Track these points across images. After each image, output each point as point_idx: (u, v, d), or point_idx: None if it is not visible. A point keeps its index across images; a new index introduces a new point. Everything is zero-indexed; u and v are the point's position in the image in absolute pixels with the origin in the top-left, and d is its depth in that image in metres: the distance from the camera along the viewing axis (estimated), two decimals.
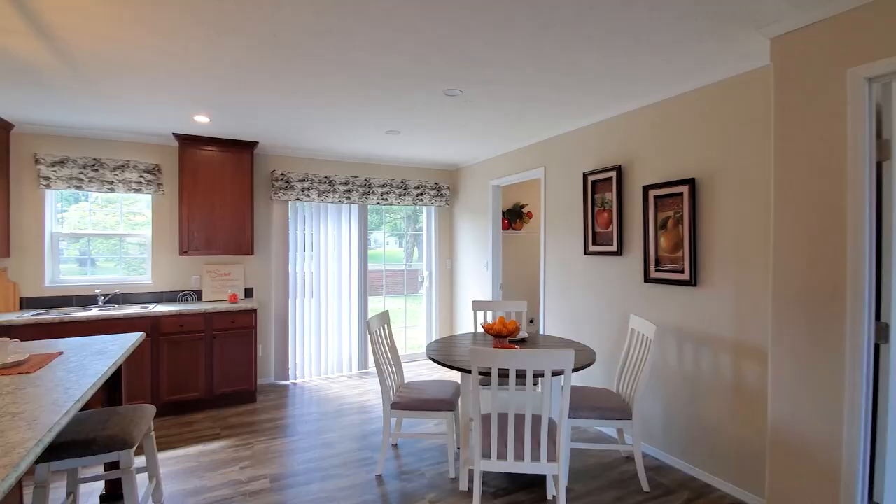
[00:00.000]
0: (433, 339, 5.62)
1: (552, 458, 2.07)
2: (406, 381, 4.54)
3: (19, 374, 1.80)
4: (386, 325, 3.06)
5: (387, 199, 5.15)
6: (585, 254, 3.56)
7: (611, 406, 2.59)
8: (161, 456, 3.02)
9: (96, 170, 3.95)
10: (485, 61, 2.41)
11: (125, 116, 3.49)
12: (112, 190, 4.02)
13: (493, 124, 3.66)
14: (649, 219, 3.01)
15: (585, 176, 3.54)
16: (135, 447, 1.94)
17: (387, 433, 2.73)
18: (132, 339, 2.48)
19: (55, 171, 3.83)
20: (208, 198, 4.14)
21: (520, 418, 2.38)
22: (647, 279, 3.02)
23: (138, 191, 4.11)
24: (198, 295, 4.37)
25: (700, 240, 2.72)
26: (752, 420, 2.46)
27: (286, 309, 4.72)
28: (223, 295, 4.39)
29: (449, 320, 5.74)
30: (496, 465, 2.06)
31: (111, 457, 1.88)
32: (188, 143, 4.05)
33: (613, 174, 3.27)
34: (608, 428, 3.10)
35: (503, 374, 2.28)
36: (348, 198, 4.93)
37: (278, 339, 4.70)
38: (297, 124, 3.67)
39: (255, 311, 4.04)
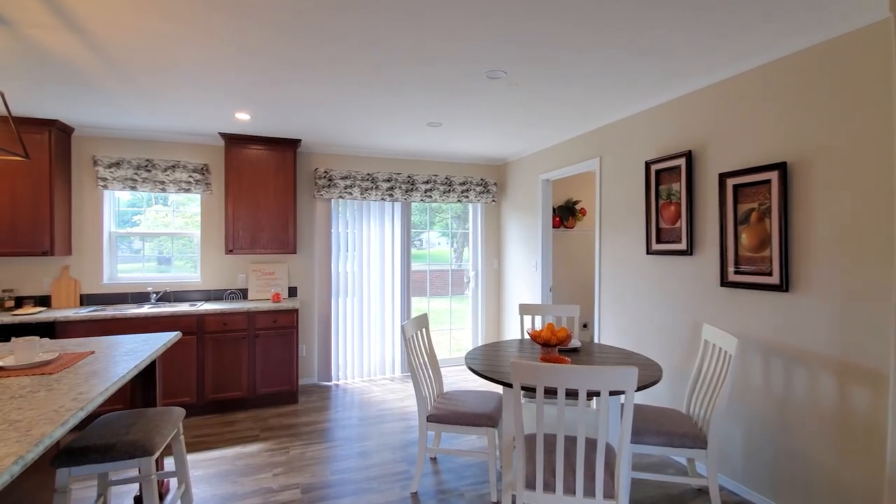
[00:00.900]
0: (479, 342, 5.37)
1: (609, 493, 1.76)
2: (446, 389, 4.34)
3: (42, 374, 1.75)
4: (423, 330, 2.84)
5: (431, 197, 4.95)
6: (648, 253, 3.16)
7: (681, 431, 2.21)
8: (199, 457, 2.98)
9: (149, 170, 4.05)
10: (531, 36, 2.12)
11: (171, 116, 3.52)
12: (163, 190, 4.11)
13: (540, 111, 3.34)
14: (727, 212, 2.58)
15: (648, 165, 3.14)
16: (156, 454, 1.85)
17: (423, 448, 2.51)
18: (165, 338, 2.43)
19: (111, 172, 3.97)
20: (253, 197, 4.13)
21: (571, 442, 2.07)
22: (725, 282, 2.59)
23: (188, 190, 4.18)
24: (243, 294, 4.39)
25: (793, 236, 2.27)
26: (862, 456, 2.00)
27: (329, 309, 4.65)
28: (267, 294, 4.38)
29: (496, 324, 5.45)
30: (543, 500, 1.77)
31: (131, 464, 1.79)
32: (233, 142, 4.06)
33: (682, 162, 2.86)
34: (677, 456, 2.70)
35: (551, 391, 1.99)
36: (391, 195, 4.78)
37: (321, 339, 4.64)
38: (333, 118, 3.54)
39: (296, 310, 3.98)
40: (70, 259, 3.95)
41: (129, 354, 2.11)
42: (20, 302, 3.79)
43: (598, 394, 1.87)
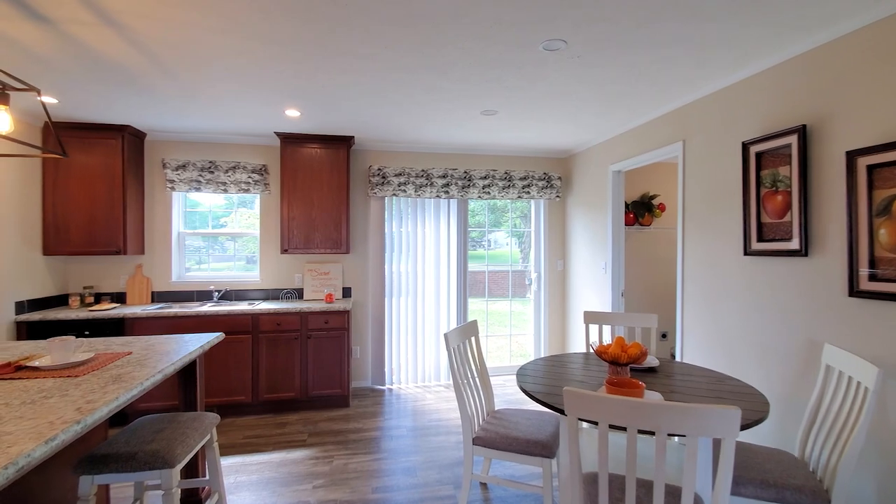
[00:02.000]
0: (542, 351, 4.96)
1: None
2: (503, 403, 3.98)
3: (68, 376, 1.70)
4: (472, 339, 2.55)
5: (489, 193, 4.64)
6: (746, 253, 2.61)
7: (794, 483, 1.72)
8: (248, 459, 2.93)
9: (212, 172, 4.15)
10: None
11: (224, 116, 3.54)
12: (225, 191, 4.20)
13: (609, 90, 2.91)
14: (858, 201, 2.01)
15: (745, 147, 2.59)
16: (178, 467, 1.74)
17: (468, 473, 2.22)
18: (204, 339, 2.36)
19: (178, 174, 4.11)
20: (307, 196, 4.09)
21: (644, 488, 1.67)
22: (855, 292, 2.02)
23: (247, 191, 4.24)
24: (299, 294, 4.37)
25: None
26: None
27: (382, 310, 4.51)
28: (321, 294, 4.33)
29: (560, 331, 5.01)
30: None
31: (151, 475, 1.69)
32: (288, 141, 4.04)
33: (793, 140, 2.30)
34: None
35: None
36: (447, 192, 4.54)
37: (375, 341, 4.51)
38: (381, 110, 3.36)
39: (347, 312, 3.87)
40: (143, 258, 4.15)
41: (166, 356, 2.04)
42: (99, 298, 4.04)
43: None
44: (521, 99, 3.07)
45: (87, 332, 3.48)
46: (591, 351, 2.89)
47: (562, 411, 1.74)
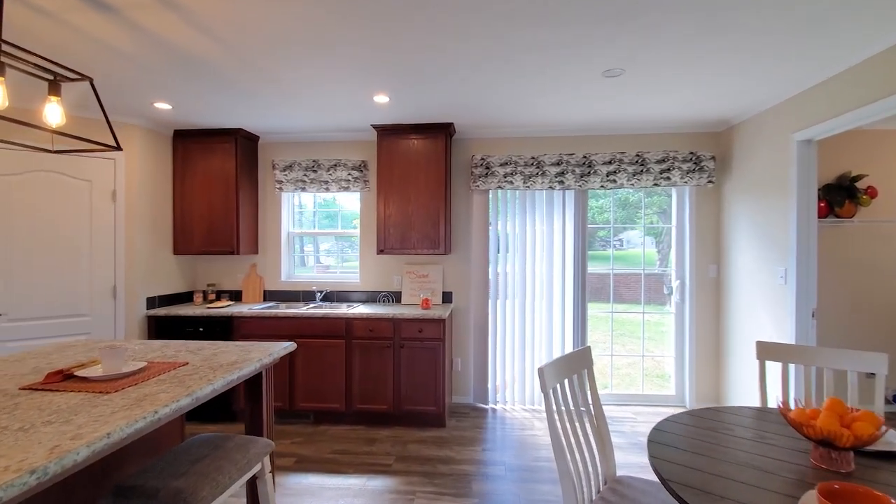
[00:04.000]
0: (687, 386, 3.93)
1: None
2: (622, 464, 2.94)
3: (99, 392, 1.52)
4: (585, 374, 1.88)
5: (615, 181, 3.80)
6: None
7: None
8: (327, 481, 2.67)
9: (315, 171, 4.09)
10: None
11: (312, 107, 3.36)
12: (327, 189, 4.11)
13: (805, 10, 1.96)
14: None
15: None
16: None
17: None
18: (272, 350, 2.11)
19: (286, 174, 4.14)
20: (403, 191, 3.76)
21: None
22: None
23: (346, 189, 4.09)
24: (396, 297, 4.09)
25: None
26: None
27: (486, 317, 3.99)
28: (418, 299, 3.98)
29: (713, 360, 3.90)
30: None
31: None
32: (385, 133, 3.77)
33: None
34: None
35: None
36: (561, 182, 3.83)
37: (477, 352, 4.01)
38: (479, 84, 2.83)
39: (442, 320, 3.43)
40: (257, 258, 4.27)
41: (222, 369, 1.81)
42: (219, 295, 4.26)
43: None
44: (658, 46, 2.27)
45: (201, 329, 3.63)
46: (776, 405, 1.98)
47: None
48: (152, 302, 3.75)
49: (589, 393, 1.87)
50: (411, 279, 4.03)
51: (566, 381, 1.72)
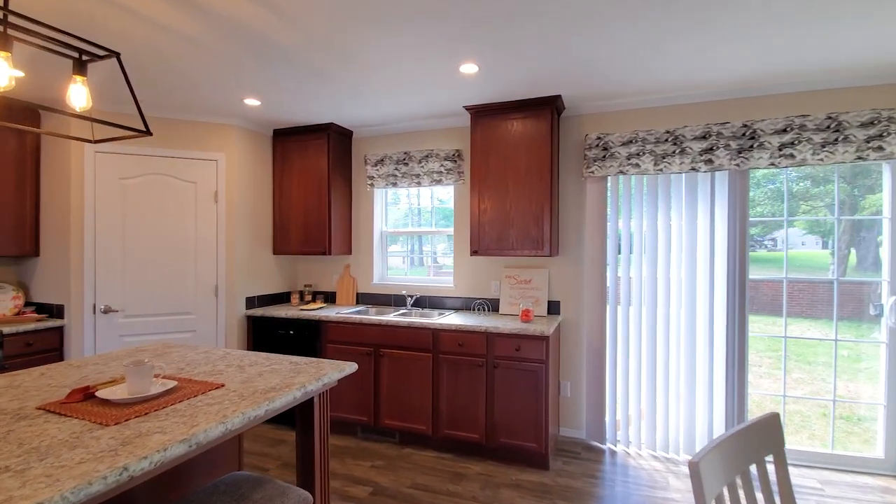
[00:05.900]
0: None
1: None
2: None
3: (96, 422, 1.25)
4: (772, 462, 1.12)
5: (792, 156, 2.75)
6: None
7: None
8: None
9: (406, 164, 3.76)
10: None
11: (395, 87, 2.98)
12: (419, 184, 3.74)
13: None
14: None
15: None
16: None
17: None
18: (323, 374, 1.74)
19: (377, 170, 3.87)
20: (500, 181, 3.21)
21: None
22: None
23: (439, 182, 3.67)
24: (492, 305, 3.55)
25: None
26: None
27: (603, 334, 3.23)
28: (517, 309, 3.38)
29: None
30: None
31: None
32: (480, 114, 3.25)
33: None
34: None
35: None
36: (709, 161, 2.90)
37: (592, 376, 3.27)
38: (589, 38, 2.15)
39: (545, 338, 2.80)
40: (350, 258, 4.09)
41: (251, 399, 1.47)
42: (315, 296, 4.17)
43: None
44: None
45: (291, 332, 3.51)
46: None
47: None
48: (252, 301, 3.75)
49: (781, 486, 1.11)
50: (511, 285, 3.45)
51: (737, 478, 1.01)
